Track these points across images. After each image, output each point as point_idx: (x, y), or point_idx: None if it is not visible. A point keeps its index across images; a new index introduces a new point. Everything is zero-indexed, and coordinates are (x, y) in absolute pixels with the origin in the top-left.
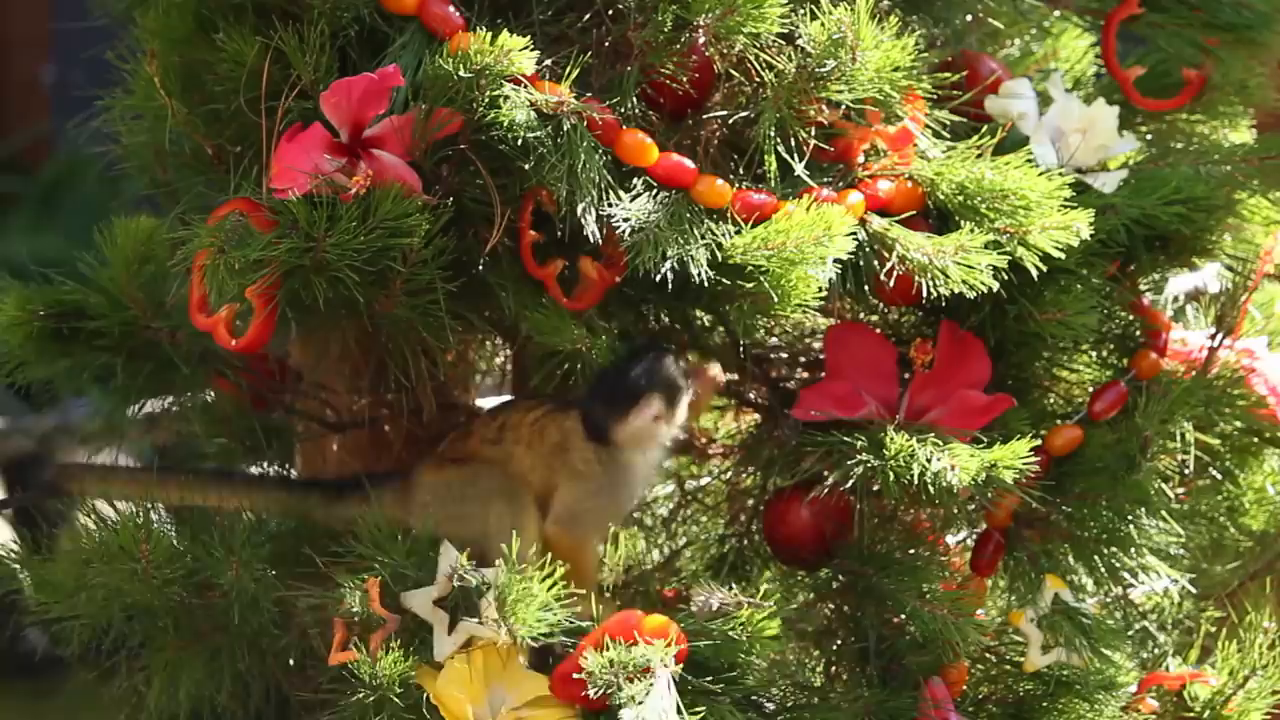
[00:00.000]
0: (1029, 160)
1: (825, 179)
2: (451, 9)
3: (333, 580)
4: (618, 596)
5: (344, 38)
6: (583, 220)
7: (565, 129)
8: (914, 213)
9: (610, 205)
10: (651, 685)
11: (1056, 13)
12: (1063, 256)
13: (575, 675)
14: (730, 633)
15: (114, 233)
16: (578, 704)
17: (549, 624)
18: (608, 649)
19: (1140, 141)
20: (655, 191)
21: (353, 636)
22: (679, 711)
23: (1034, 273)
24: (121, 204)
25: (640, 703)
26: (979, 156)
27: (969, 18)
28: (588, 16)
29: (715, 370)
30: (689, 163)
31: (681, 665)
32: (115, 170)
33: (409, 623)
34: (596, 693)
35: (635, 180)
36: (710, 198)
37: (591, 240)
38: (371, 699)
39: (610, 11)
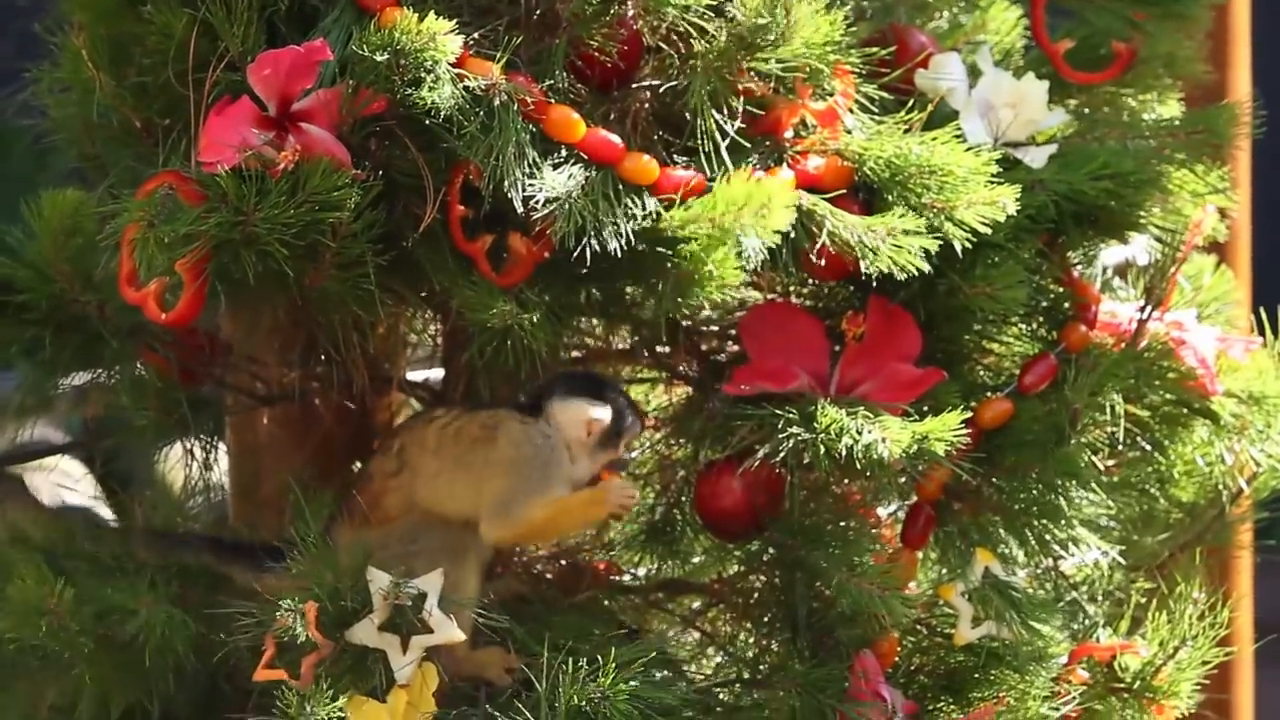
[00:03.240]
0: (956, 135)
1: (754, 154)
2: None
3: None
4: (549, 569)
5: (273, 11)
6: (509, 195)
7: (495, 106)
8: (843, 190)
9: (533, 181)
10: None
11: None
12: (991, 232)
13: None
14: None
15: (42, 206)
16: None
17: None
18: None
19: (1069, 115)
20: (582, 167)
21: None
22: None
23: (963, 247)
24: (50, 177)
25: None
26: (907, 132)
27: None
28: None
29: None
30: (616, 139)
31: None
32: (44, 143)
33: (352, 652)
34: None
35: (562, 153)
36: (637, 174)
37: (519, 215)
38: None
39: None
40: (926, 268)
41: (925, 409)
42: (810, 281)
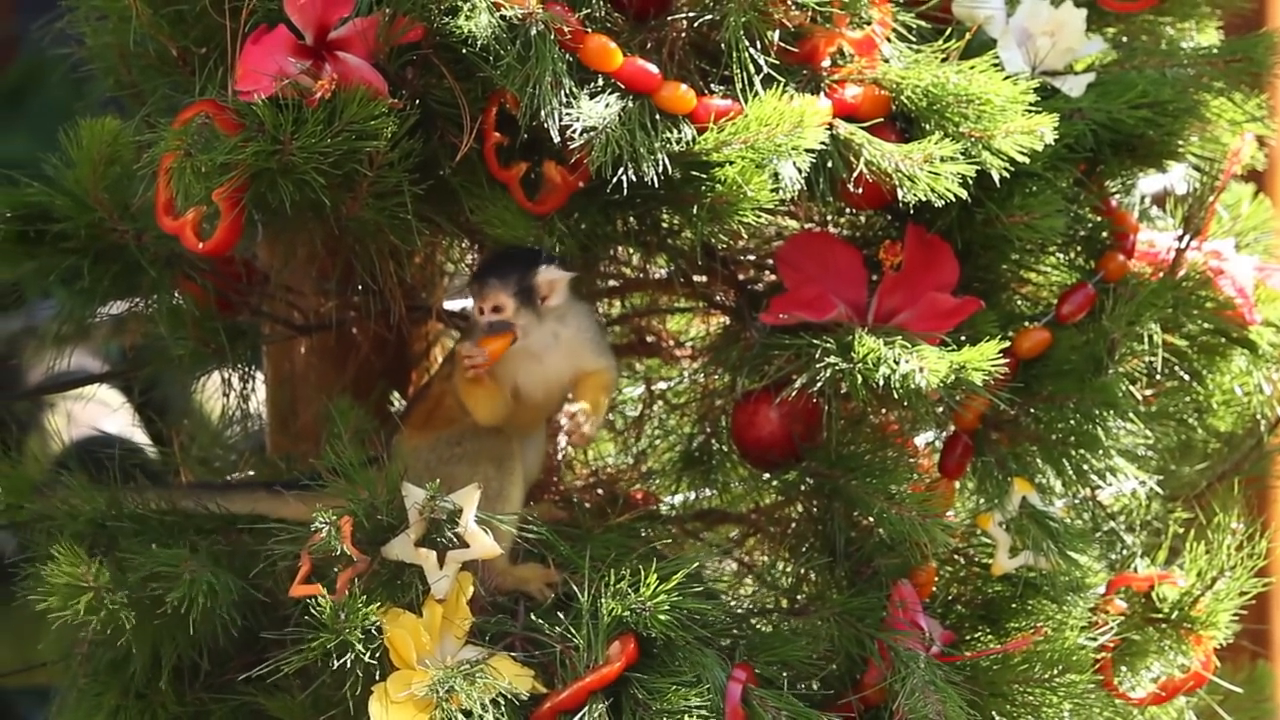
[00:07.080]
0: (994, 64)
1: (791, 83)
2: None
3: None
4: (586, 498)
5: None
6: (546, 124)
7: (532, 35)
8: (880, 119)
9: (570, 110)
10: None
11: None
12: (1028, 160)
13: None
14: None
15: (80, 134)
16: None
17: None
18: None
19: (1107, 43)
20: (619, 96)
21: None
22: None
23: (1001, 176)
24: (87, 106)
25: None
26: (944, 60)
27: None
28: None
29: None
30: (653, 68)
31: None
32: (81, 72)
33: (389, 567)
34: None
35: (599, 82)
36: (674, 104)
37: (556, 145)
38: (334, 641)
39: None
40: (964, 194)
41: (963, 338)
42: (847, 211)
